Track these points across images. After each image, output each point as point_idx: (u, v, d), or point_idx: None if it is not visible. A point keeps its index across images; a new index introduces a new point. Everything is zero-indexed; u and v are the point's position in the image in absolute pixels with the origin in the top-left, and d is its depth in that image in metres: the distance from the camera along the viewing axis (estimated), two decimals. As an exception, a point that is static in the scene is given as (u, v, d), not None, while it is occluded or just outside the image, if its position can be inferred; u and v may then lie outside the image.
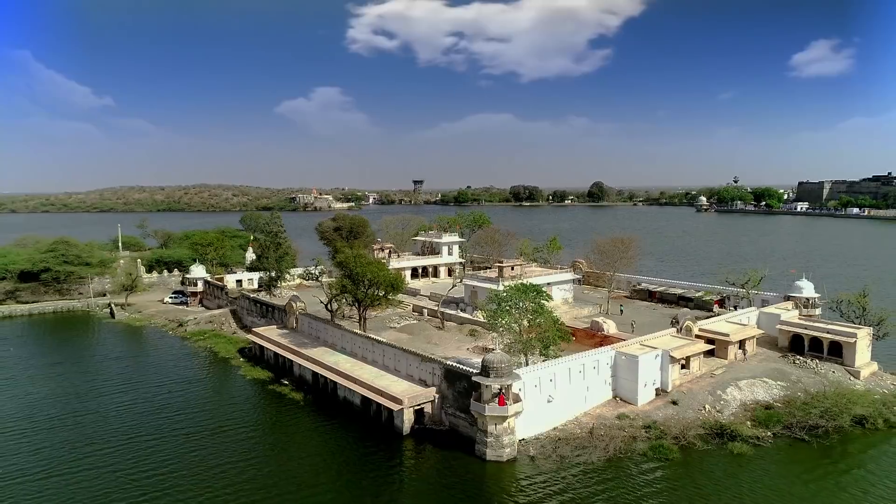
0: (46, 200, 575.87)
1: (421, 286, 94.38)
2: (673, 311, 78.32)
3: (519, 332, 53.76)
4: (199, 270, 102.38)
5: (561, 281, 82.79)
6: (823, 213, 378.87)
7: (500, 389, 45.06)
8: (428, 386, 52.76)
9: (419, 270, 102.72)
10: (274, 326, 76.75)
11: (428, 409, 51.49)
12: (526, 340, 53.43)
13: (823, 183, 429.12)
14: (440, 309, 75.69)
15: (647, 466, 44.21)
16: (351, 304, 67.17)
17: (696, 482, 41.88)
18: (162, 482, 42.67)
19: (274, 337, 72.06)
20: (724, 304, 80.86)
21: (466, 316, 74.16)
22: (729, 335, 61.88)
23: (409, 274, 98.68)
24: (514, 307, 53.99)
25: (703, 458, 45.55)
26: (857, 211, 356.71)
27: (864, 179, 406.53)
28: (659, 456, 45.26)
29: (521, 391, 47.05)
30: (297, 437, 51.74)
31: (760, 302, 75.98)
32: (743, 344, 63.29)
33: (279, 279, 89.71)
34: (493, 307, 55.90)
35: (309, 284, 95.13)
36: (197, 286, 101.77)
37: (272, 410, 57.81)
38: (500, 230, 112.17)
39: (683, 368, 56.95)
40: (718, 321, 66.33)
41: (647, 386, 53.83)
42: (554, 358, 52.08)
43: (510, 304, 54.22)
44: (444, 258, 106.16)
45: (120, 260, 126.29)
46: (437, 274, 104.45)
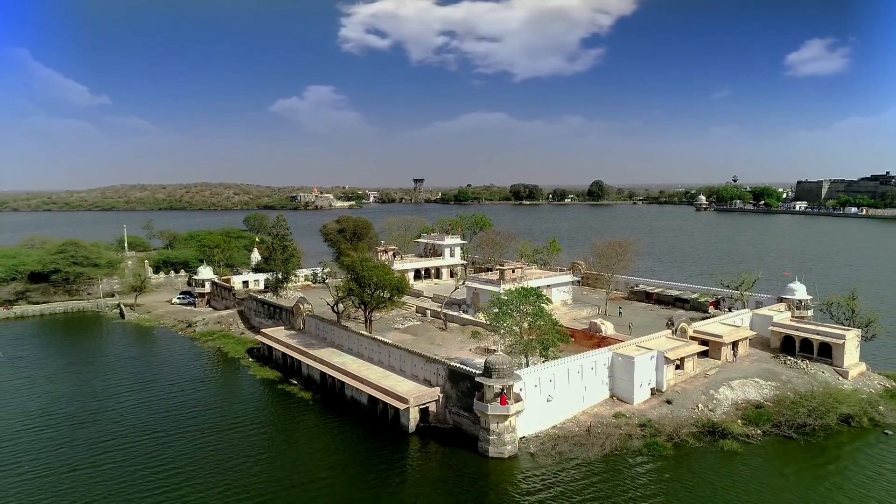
0: (48, 199, 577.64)
1: (424, 287, 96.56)
2: (669, 312, 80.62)
3: (520, 334, 55.96)
4: (206, 272, 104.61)
5: (560, 283, 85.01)
6: (822, 212, 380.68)
7: (501, 389, 47.29)
8: (432, 386, 54.99)
9: (422, 272, 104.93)
10: (281, 327, 78.94)
11: (433, 407, 53.73)
12: (526, 342, 55.61)
13: (822, 182, 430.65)
14: (443, 310, 77.87)
15: (641, 463, 46.44)
16: (357, 306, 69.34)
17: (688, 478, 44.07)
18: (180, 476, 45.06)
19: (282, 338, 74.27)
20: (719, 305, 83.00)
21: (469, 317, 76.33)
22: (722, 337, 64.05)
23: (412, 275, 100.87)
24: (515, 310, 56.18)
25: (695, 455, 47.76)
26: (855, 210, 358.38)
27: (862, 179, 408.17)
28: (653, 453, 47.51)
29: (521, 391, 49.25)
30: (306, 434, 53.96)
31: (754, 303, 78.16)
32: (736, 345, 65.44)
33: (286, 281, 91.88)
34: (495, 310, 58.14)
35: (314, 286, 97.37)
36: (204, 287, 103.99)
37: (282, 409, 60.01)
38: (500, 232, 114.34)
39: (678, 369, 59.15)
40: (712, 323, 68.51)
41: (642, 386, 56.04)
42: (553, 359, 54.30)
43: (511, 307, 56.41)
44: (446, 260, 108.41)
45: (128, 261, 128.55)
46: (439, 275, 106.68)
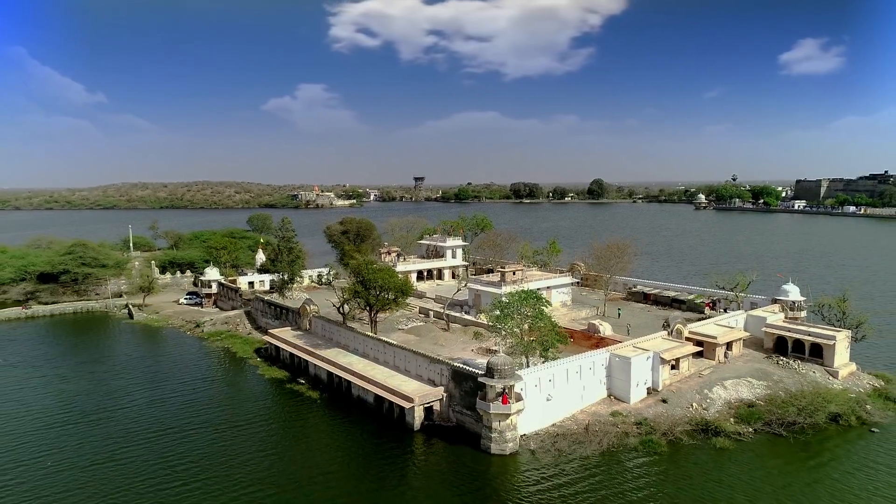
0: (50, 197, 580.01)
1: (426, 288, 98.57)
2: (667, 312, 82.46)
3: (520, 335, 58.04)
4: (213, 273, 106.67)
5: (560, 285, 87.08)
6: (820, 211, 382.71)
7: (503, 389, 49.36)
8: (436, 385, 57.06)
9: (424, 273, 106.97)
10: (288, 328, 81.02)
11: (437, 406, 55.81)
12: (527, 343, 57.66)
13: (821, 181, 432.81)
14: (446, 311, 79.90)
15: (637, 459, 48.50)
16: (363, 307, 71.39)
17: (681, 474, 46.13)
18: (198, 469, 47.27)
19: (289, 338, 76.33)
20: (714, 306, 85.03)
21: (471, 318, 78.35)
22: (716, 337, 66.13)
23: (414, 276, 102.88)
24: (516, 312, 58.25)
25: (688, 452, 49.82)
26: (853, 209, 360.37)
27: (861, 177, 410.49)
28: (648, 450, 49.58)
29: (522, 391, 51.32)
30: (314, 431, 56.06)
31: (749, 304, 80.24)
32: (730, 346, 67.54)
33: (292, 282, 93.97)
34: (496, 312, 60.24)
35: (318, 287, 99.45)
36: (211, 288, 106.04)
37: (291, 407, 62.07)
38: (501, 234, 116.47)
39: (673, 369, 61.23)
40: (707, 324, 70.57)
41: (638, 385, 58.11)
42: (553, 360, 56.35)
43: (512, 309, 58.48)
44: (448, 261, 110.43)
45: (135, 261, 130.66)
46: (441, 276, 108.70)
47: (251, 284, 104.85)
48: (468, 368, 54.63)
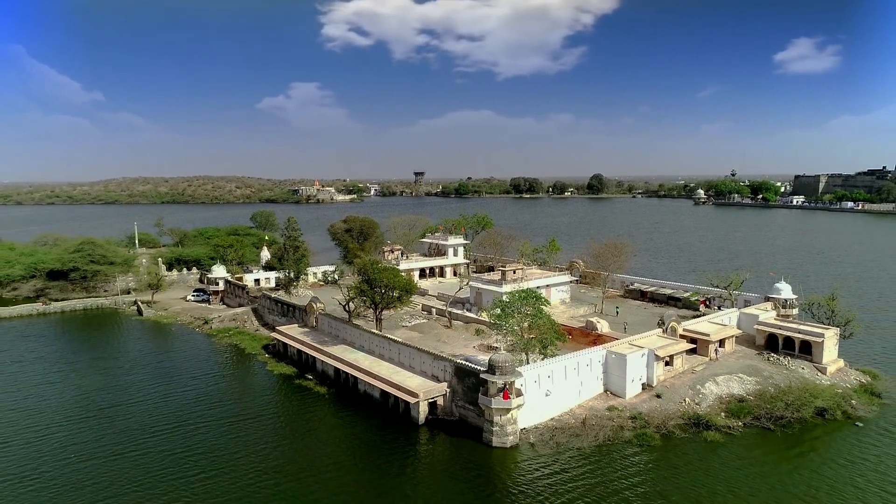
0: (52, 192, 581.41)
1: (429, 286, 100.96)
2: (663, 310, 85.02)
3: (520, 333, 60.45)
4: (220, 270, 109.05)
5: (559, 283, 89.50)
6: (819, 206, 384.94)
7: (504, 385, 51.81)
8: (440, 381, 59.51)
9: (427, 271, 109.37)
10: (295, 325, 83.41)
11: (440, 401, 58.28)
12: (527, 341, 60.10)
13: (820, 177, 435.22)
14: (448, 309, 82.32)
15: (631, 452, 50.99)
16: (368, 305, 73.78)
17: (673, 465, 48.61)
18: (213, 459, 49.86)
19: (296, 335, 78.74)
20: (709, 304, 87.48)
21: (472, 316, 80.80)
22: (709, 335, 68.51)
23: (417, 274, 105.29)
24: (516, 311, 60.64)
25: (680, 444, 52.31)
26: (851, 205, 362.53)
27: (859, 173, 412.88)
28: (642, 443, 52.09)
29: (522, 386, 53.75)
30: (323, 425, 58.54)
31: (743, 302, 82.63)
32: (722, 343, 69.96)
33: (297, 280, 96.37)
34: (497, 311, 62.65)
35: (322, 285, 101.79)
36: (218, 285, 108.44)
37: (299, 402, 64.53)
38: (501, 232, 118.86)
39: (667, 365, 63.66)
40: (701, 322, 72.99)
41: (634, 381, 60.59)
42: (552, 357, 58.76)
43: (513, 308, 60.87)
44: (449, 259, 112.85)
45: (142, 259, 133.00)
46: (443, 274, 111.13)
47: (257, 282, 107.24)
48: (470, 365, 57.04)
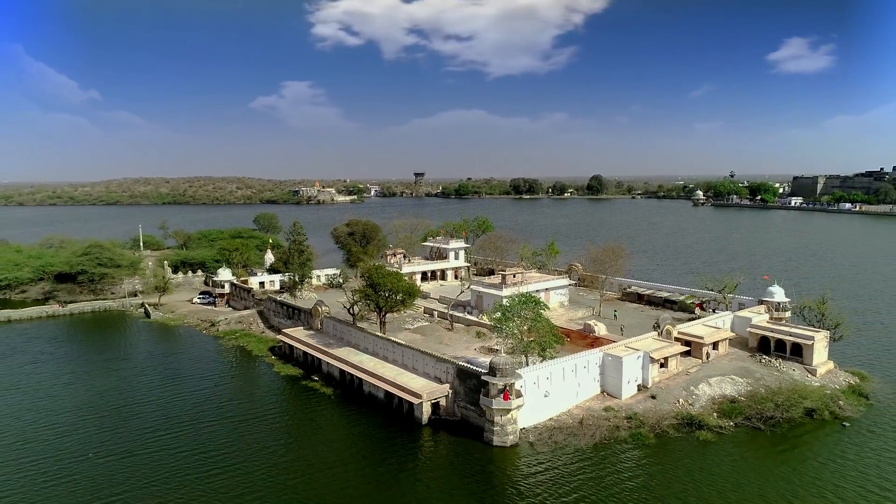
0: (53, 193, 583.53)
1: (430, 289, 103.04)
2: (659, 312, 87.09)
3: (520, 336, 62.60)
4: (225, 273, 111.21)
5: (557, 286, 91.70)
6: (816, 207, 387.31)
7: (504, 386, 53.97)
8: (442, 383, 61.66)
9: (428, 274, 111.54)
10: (301, 327, 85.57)
11: (443, 402, 60.42)
12: (526, 344, 62.24)
13: (818, 178, 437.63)
14: (450, 312, 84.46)
15: (627, 451, 53.10)
16: (372, 309, 75.91)
17: (667, 464, 50.72)
18: (226, 457, 51.98)
19: (302, 337, 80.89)
20: (704, 307, 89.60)
21: (473, 319, 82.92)
22: (703, 338, 70.69)
23: (419, 277, 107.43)
24: (516, 315, 62.81)
25: (674, 444, 54.45)
26: (849, 206, 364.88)
27: (857, 174, 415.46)
28: (637, 442, 54.22)
29: (522, 388, 55.93)
30: (329, 424, 60.71)
31: (737, 305, 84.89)
32: (716, 345, 72.13)
33: (302, 283, 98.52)
34: (497, 314, 64.82)
35: (326, 288, 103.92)
36: (224, 288, 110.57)
37: (306, 402, 66.62)
38: (501, 236, 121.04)
39: (662, 367, 65.83)
40: (695, 325, 75.13)
41: (629, 383, 62.75)
42: (550, 359, 60.95)
43: (513, 312, 63.03)
44: (451, 262, 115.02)
45: (148, 261, 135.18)
46: (444, 277, 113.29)
47: (262, 284, 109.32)
48: (472, 367, 59.19)
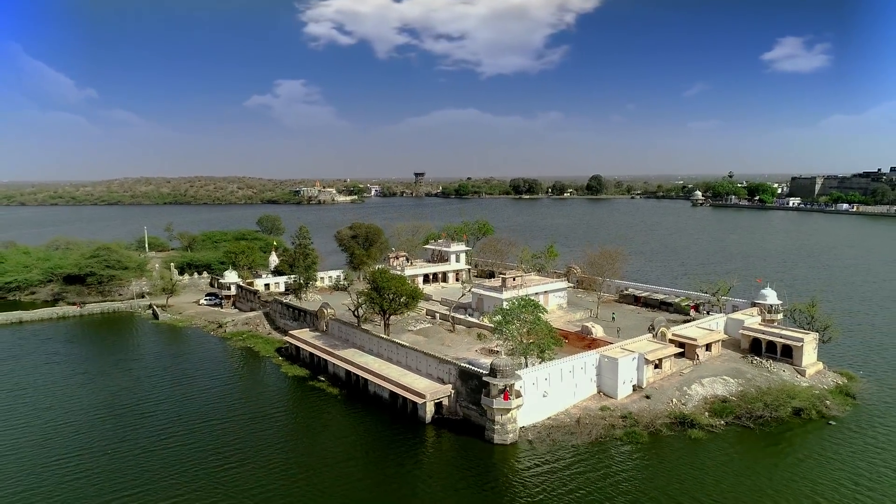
0: (55, 193, 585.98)
1: (432, 291, 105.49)
2: (655, 314, 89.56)
3: (520, 338, 65.06)
4: (232, 276, 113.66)
5: (556, 289, 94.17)
6: (814, 208, 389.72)
7: (505, 387, 56.43)
8: (445, 383, 64.14)
9: (430, 276, 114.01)
10: (306, 329, 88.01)
11: (445, 402, 62.89)
12: (526, 346, 64.72)
13: (816, 178, 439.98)
14: (451, 314, 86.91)
15: (622, 448, 55.60)
16: (377, 311, 78.38)
17: (659, 461, 53.16)
18: (235, 454, 54.50)
19: (308, 339, 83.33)
20: (699, 309, 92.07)
21: (474, 320, 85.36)
22: (696, 339, 73.16)
23: (421, 280, 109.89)
24: (516, 318, 65.27)
25: (667, 442, 56.92)
26: (846, 207, 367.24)
27: (854, 175, 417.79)
28: (632, 440, 56.72)
29: (521, 388, 58.39)
30: (336, 423, 63.16)
31: (731, 307, 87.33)
32: (709, 347, 74.58)
33: (307, 285, 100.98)
34: (497, 318, 67.30)
35: (332, 290, 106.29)
36: (230, 290, 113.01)
37: (313, 402, 69.03)
38: (501, 239, 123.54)
39: (656, 368, 68.31)
40: (689, 327, 77.58)
41: (625, 383, 65.22)
42: (549, 360, 63.40)
43: (513, 315, 65.49)
44: (452, 265, 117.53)
45: (154, 263, 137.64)
46: (446, 279, 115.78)
47: (267, 286, 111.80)
48: (473, 368, 61.64)
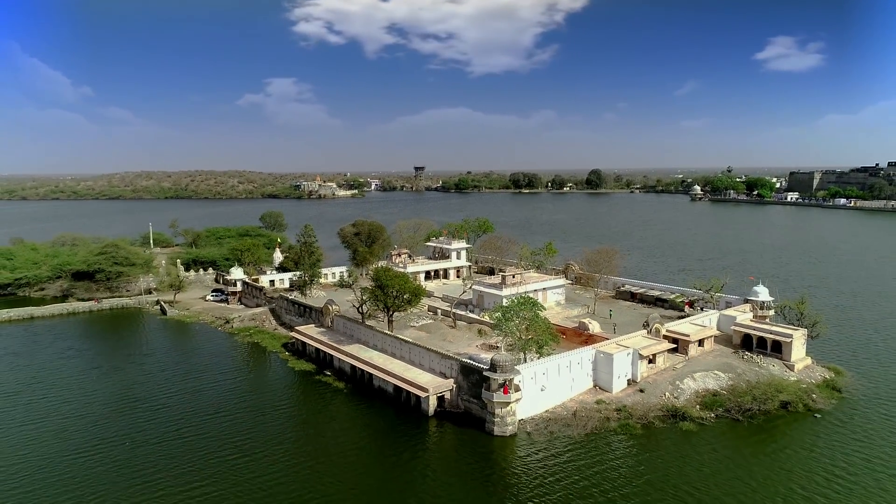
0: (56, 187, 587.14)
1: (434, 288, 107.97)
2: (651, 310, 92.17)
3: (519, 335, 67.66)
4: (237, 272, 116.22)
5: (554, 286, 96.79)
6: (812, 203, 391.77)
7: (504, 381, 59.05)
8: (447, 377, 66.80)
9: (432, 273, 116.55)
10: (312, 325, 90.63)
11: (447, 396, 65.55)
12: (525, 341, 67.34)
13: (814, 173, 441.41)
14: (453, 310, 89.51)
15: (616, 439, 58.31)
16: (381, 308, 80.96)
17: (652, 452, 55.80)
18: (245, 444, 57.19)
19: (314, 334, 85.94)
20: (693, 305, 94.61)
21: (475, 317, 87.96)
22: (689, 335, 75.76)
23: (423, 276, 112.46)
24: (515, 315, 67.84)
25: (659, 434, 59.59)
26: (844, 202, 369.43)
27: (852, 170, 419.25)
28: (626, 432, 59.44)
29: (520, 382, 60.98)
30: (342, 416, 65.80)
31: (724, 304, 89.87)
32: (702, 342, 77.20)
33: (312, 282, 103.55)
34: (497, 314, 69.89)
35: (336, 287, 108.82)
36: (236, 286, 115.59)
37: (319, 395, 71.68)
38: (501, 237, 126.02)
39: (650, 363, 70.93)
40: (683, 323, 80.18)
41: (620, 378, 67.88)
42: (547, 356, 66.04)
43: (512, 312, 68.06)
44: (453, 262, 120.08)
45: (160, 259, 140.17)
46: (447, 276, 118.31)
47: (272, 283, 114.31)
48: (474, 363, 64.26)
